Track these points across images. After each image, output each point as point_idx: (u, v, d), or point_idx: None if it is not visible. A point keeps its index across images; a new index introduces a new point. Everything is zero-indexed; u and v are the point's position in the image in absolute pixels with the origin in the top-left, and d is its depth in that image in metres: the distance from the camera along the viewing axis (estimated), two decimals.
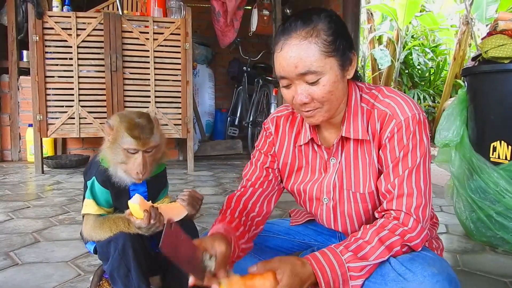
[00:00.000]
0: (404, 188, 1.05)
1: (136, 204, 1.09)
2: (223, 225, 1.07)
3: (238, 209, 1.17)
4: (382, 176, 1.10)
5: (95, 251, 1.27)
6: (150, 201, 1.16)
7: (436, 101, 7.42)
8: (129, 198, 1.21)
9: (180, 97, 4.08)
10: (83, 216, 1.25)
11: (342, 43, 1.04)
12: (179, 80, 4.07)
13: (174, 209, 1.20)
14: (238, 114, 5.70)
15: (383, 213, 1.09)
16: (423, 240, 1.06)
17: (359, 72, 1.23)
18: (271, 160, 1.28)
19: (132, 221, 1.11)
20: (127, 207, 1.16)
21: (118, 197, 1.21)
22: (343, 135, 1.13)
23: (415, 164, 1.06)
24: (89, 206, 1.19)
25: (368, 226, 1.05)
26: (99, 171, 1.19)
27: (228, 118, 5.92)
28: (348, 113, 1.13)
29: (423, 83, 7.71)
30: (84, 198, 1.24)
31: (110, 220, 1.16)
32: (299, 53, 1.00)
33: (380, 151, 1.11)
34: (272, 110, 4.75)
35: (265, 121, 1.33)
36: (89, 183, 1.19)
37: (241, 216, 1.16)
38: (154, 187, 1.27)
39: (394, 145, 1.08)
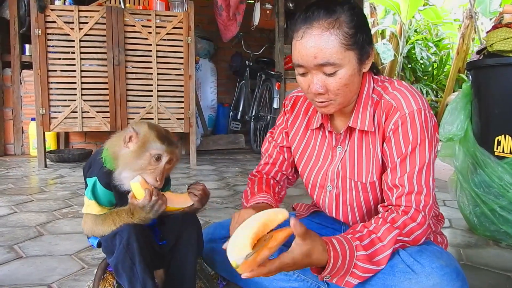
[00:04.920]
0: (414, 185, 1.04)
1: (137, 183, 1.09)
2: (263, 195, 1.21)
3: (266, 183, 1.31)
4: (388, 169, 1.09)
5: (99, 245, 1.26)
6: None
7: (439, 96, 7.39)
8: None
9: (182, 91, 4.07)
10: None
11: (362, 36, 1.04)
12: (182, 74, 4.06)
13: (179, 198, 1.20)
14: (240, 109, 5.68)
15: (390, 207, 1.07)
16: (425, 237, 1.07)
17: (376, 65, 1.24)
18: (286, 139, 1.34)
19: (135, 204, 1.11)
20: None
21: (122, 198, 1.20)
22: (350, 125, 1.14)
23: (424, 161, 1.05)
24: (91, 207, 1.18)
25: (380, 221, 1.02)
26: (102, 173, 1.17)
27: (231, 113, 5.90)
28: (358, 103, 1.14)
29: (426, 78, 7.69)
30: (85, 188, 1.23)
31: (113, 213, 1.16)
32: (319, 44, 1.00)
33: (385, 144, 1.10)
34: (274, 105, 4.74)
35: (285, 98, 1.37)
36: (90, 181, 1.18)
37: (272, 188, 1.31)
38: None
39: (399, 139, 1.07)
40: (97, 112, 3.92)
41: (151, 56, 3.97)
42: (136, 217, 1.13)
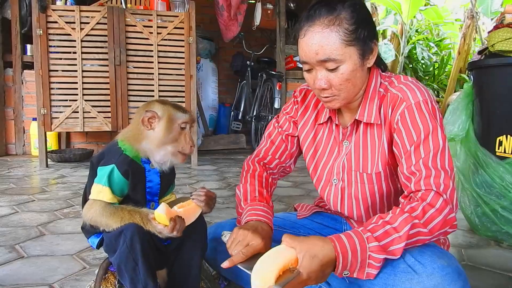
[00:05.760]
0: (431, 169, 1.01)
1: (163, 214, 1.10)
2: (263, 208, 1.20)
3: (264, 181, 1.29)
4: (402, 159, 1.07)
5: (98, 246, 1.26)
6: (172, 201, 1.23)
7: (440, 96, 7.38)
8: (144, 189, 1.23)
9: (183, 91, 4.07)
10: (84, 201, 1.25)
11: (364, 32, 1.06)
12: (183, 74, 4.06)
13: (191, 211, 1.22)
14: (241, 109, 5.68)
15: (410, 195, 1.03)
16: (448, 223, 1.00)
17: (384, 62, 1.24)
18: (293, 128, 1.34)
19: (154, 225, 1.11)
20: (141, 198, 1.20)
21: (134, 188, 1.21)
22: (357, 118, 1.16)
23: (438, 147, 1.04)
24: (104, 193, 1.16)
25: (397, 211, 0.98)
26: (122, 160, 1.18)
27: (232, 113, 5.91)
28: (365, 98, 1.15)
29: (427, 78, 7.67)
30: (89, 183, 1.22)
31: (124, 211, 1.14)
32: (320, 41, 1.03)
33: (395, 135, 1.10)
34: (275, 105, 4.74)
35: (295, 89, 1.38)
36: (105, 169, 1.17)
37: (267, 186, 1.29)
38: (166, 181, 1.28)
39: (409, 127, 1.06)
40: (98, 112, 3.92)
41: (152, 56, 3.97)
42: (149, 227, 1.12)
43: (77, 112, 3.88)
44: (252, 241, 1.05)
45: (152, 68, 3.98)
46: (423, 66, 7.71)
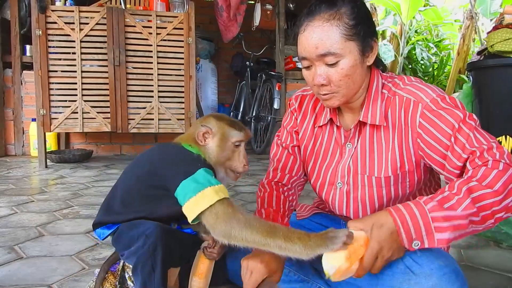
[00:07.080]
0: (480, 147, 0.96)
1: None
2: None
3: (282, 206, 1.26)
4: (449, 154, 1.00)
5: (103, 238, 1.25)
6: None
7: None
8: None
9: (183, 92, 4.08)
10: (106, 205, 1.23)
11: (364, 28, 1.06)
12: (182, 75, 4.06)
13: (210, 268, 1.26)
14: (241, 109, 5.67)
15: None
16: None
17: (383, 61, 1.23)
18: (296, 138, 1.33)
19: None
20: None
21: None
22: (361, 119, 1.14)
23: (473, 127, 0.99)
24: (223, 191, 1.08)
25: (455, 178, 0.95)
26: (203, 161, 1.16)
27: (231, 113, 5.90)
28: (368, 98, 1.14)
29: (426, 78, 7.67)
30: (134, 188, 1.19)
31: (283, 228, 1.01)
32: (320, 35, 1.03)
33: (426, 137, 1.05)
34: (275, 105, 4.74)
35: (290, 97, 1.37)
36: (199, 173, 1.08)
37: (285, 210, 1.26)
38: None
39: (438, 124, 1.02)
40: (98, 112, 3.92)
41: (151, 57, 3.97)
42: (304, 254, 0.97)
43: (77, 112, 3.88)
44: (254, 269, 1.09)
45: (152, 68, 3.98)
46: (423, 66, 7.72)
